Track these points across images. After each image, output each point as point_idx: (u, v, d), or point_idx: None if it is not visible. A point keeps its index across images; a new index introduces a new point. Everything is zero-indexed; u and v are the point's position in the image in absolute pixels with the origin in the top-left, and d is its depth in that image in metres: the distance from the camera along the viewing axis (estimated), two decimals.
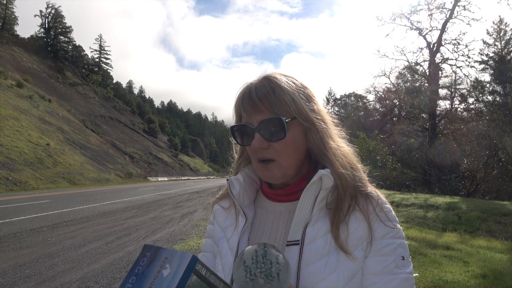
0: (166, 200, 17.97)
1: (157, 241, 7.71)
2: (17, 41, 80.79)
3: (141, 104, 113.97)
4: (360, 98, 48.43)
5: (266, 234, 0.91)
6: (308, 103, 0.88)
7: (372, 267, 0.81)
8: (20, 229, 8.72)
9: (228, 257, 0.90)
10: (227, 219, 0.99)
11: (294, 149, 0.86)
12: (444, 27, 25.92)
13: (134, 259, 4.16)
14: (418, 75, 29.33)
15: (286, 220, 0.90)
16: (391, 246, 0.82)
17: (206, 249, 1.02)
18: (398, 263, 0.80)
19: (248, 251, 0.68)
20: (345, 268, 0.79)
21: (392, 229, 0.83)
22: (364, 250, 0.82)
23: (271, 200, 0.95)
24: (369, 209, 0.84)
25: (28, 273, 5.28)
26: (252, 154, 0.89)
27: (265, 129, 0.84)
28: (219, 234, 0.98)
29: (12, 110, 40.30)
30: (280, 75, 0.89)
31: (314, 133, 0.87)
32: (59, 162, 35.04)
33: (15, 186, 24.40)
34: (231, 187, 0.94)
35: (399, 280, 0.79)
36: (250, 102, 0.86)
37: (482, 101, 27.70)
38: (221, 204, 1.04)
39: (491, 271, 5.61)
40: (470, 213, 11.14)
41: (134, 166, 58.01)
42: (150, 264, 0.65)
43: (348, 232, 0.82)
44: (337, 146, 0.90)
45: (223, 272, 0.89)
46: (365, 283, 0.81)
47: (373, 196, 0.87)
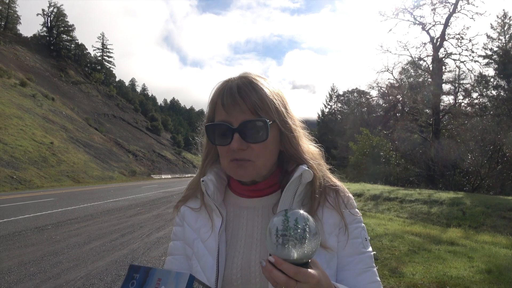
0: (170, 197, 18.02)
1: (161, 238, 7.73)
2: (19, 40, 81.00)
3: (144, 102, 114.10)
4: (363, 94, 48.29)
5: (242, 230, 0.92)
6: (285, 108, 0.90)
7: (346, 250, 0.89)
8: (25, 227, 8.77)
9: (206, 258, 0.89)
10: (198, 220, 0.97)
11: (271, 151, 0.88)
12: (448, 22, 25.74)
13: (120, 283, 3.70)
14: (422, 70, 29.14)
15: (261, 215, 0.93)
16: (358, 229, 0.91)
17: (176, 252, 1.00)
18: (364, 243, 0.91)
19: (278, 219, 0.67)
20: (323, 254, 0.85)
21: (356, 216, 0.93)
22: (337, 236, 0.89)
23: (241, 196, 0.96)
24: (339, 201, 0.91)
25: (33, 270, 5.31)
26: (225, 154, 0.88)
27: (246, 130, 0.83)
28: (192, 235, 0.96)
29: (16, 109, 40.47)
30: (259, 77, 0.90)
31: (291, 137, 0.90)
32: (63, 161, 35.19)
33: (20, 184, 24.53)
34: (206, 188, 0.92)
35: (367, 258, 0.90)
36: (232, 100, 0.84)
37: (486, 96, 27.53)
38: (189, 205, 1.01)
39: (496, 266, 5.59)
40: (474, 209, 11.09)
41: (137, 164, 58.18)
42: (142, 287, 0.62)
43: (322, 222, 0.88)
44: (308, 147, 0.95)
45: (204, 273, 0.88)
46: (340, 265, 0.89)
47: (341, 189, 0.94)
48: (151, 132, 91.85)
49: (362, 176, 27.43)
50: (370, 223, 9.76)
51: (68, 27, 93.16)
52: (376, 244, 7.15)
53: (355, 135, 30.70)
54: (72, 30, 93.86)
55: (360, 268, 0.88)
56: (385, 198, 14.72)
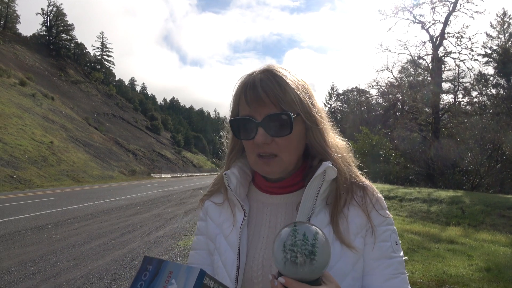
0: (170, 196, 18.03)
1: (161, 237, 7.75)
2: (19, 39, 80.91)
3: (144, 101, 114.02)
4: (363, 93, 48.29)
5: (264, 227, 0.91)
6: (310, 100, 0.88)
7: (373, 253, 0.85)
8: (25, 226, 8.78)
9: (228, 253, 0.89)
10: (221, 215, 0.97)
11: (296, 145, 0.86)
12: (447, 20, 25.69)
13: (135, 273, 4.06)
14: (421, 69, 29.11)
15: (284, 212, 0.91)
16: (387, 232, 0.87)
17: (199, 247, 1.01)
18: (394, 248, 0.86)
19: (286, 231, 0.66)
20: (349, 256, 0.83)
21: (386, 218, 0.88)
22: (364, 238, 0.86)
23: (266, 192, 0.95)
24: (366, 200, 0.88)
25: (33, 270, 5.33)
26: (250, 149, 0.87)
27: (270, 124, 0.82)
28: (215, 230, 0.97)
29: (15, 109, 40.45)
30: (283, 69, 0.88)
31: (316, 130, 0.88)
32: (62, 160, 35.19)
33: (20, 184, 24.54)
34: (229, 182, 0.92)
35: (396, 263, 0.85)
36: (254, 95, 0.83)
37: (486, 94, 27.54)
38: (213, 200, 1.02)
39: (495, 264, 5.60)
40: (473, 207, 11.11)
41: (137, 163, 58.16)
42: (154, 279, 0.64)
43: (348, 222, 0.85)
44: (335, 141, 0.92)
45: (225, 269, 0.88)
46: (366, 268, 0.86)
47: (369, 188, 0.91)
48: (150, 131, 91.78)
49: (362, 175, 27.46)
50: None
51: (68, 27, 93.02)
52: None
53: (354, 134, 30.68)
54: (71, 29, 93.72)
55: (388, 273, 0.84)
56: (385, 197, 14.48)
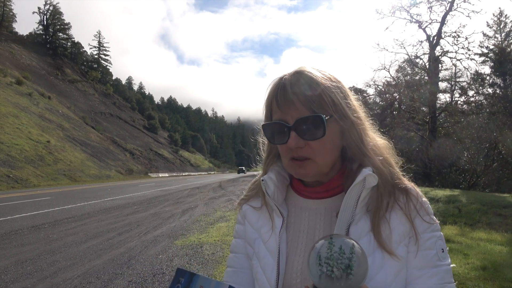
0: (167, 196, 18.01)
1: (158, 237, 7.74)
2: (15, 38, 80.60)
3: (141, 100, 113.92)
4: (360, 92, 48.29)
5: (303, 232, 0.89)
6: (345, 100, 0.85)
7: (416, 262, 0.81)
8: (22, 226, 8.76)
9: (267, 259, 0.88)
10: (260, 219, 0.96)
11: (330, 147, 0.83)
12: (444, 20, 25.79)
13: (169, 284, 4.16)
14: (418, 69, 29.24)
15: (323, 218, 0.88)
16: (432, 239, 0.82)
17: (238, 250, 1.00)
18: (439, 255, 0.82)
19: (321, 244, 0.65)
20: (391, 266, 0.79)
21: (431, 224, 0.84)
22: (407, 246, 0.82)
23: (304, 197, 0.93)
24: (410, 206, 0.84)
25: (30, 269, 5.31)
26: (284, 153, 0.86)
27: (302, 127, 0.80)
28: (253, 235, 0.96)
29: (12, 108, 40.29)
30: (314, 70, 0.86)
31: (352, 131, 0.85)
32: (59, 159, 35.08)
33: (16, 183, 24.46)
34: (266, 187, 0.90)
35: (442, 272, 0.81)
36: (285, 98, 0.82)
37: (482, 93, 27.62)
38: (251, 204, 1.00)
39: (491, 263, 5.63)
40: (470, 206, 11.16)
41: (134, 162, 58.09)
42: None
43: (391, 229, 0.81)
44: (374, 142, 0.89)
45: (264, 274, 0.88)
46: (409, 278, 0.82)
47: (412, 192, 0.86)
48: (148, 131, 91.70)
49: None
50: None
51: (64, 25, 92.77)
52: None
53: None
54: (68, 28, 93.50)
55: (433, 283, 0.79)
56: None
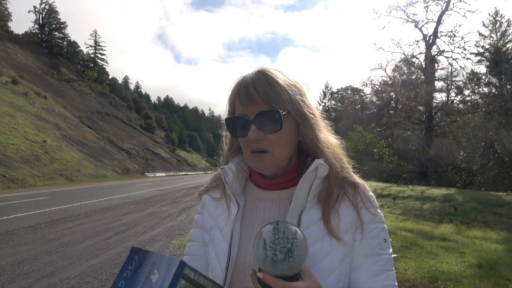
0: (164, 195, 18.00)
1: (155, 236, 7.74)
2: (11, 37, 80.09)
3: (138, 100, 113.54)
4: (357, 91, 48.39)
5: (258, 221, 0.94)
6: (301, 97, 0.92)
7: (360, 250, 0.88)
8: (18, 226, 8.73)
9: (221, 244, 0.93)
10: (218, 208, 1.01)
11: (287, 141, 0.90)
12: (440, 19, 25.89)
13: (123, 261, 4.32)
14: (415, 68, 29.33)
15: (278, 208, 0.93)
16: (376, 230, 0.89)
17: (195, 239, 1.04)
18: (382, 245, 0.89)
19: (267, 229, 0.70)
20: (337, 251, 0.85)
21: (376, 216, 0.91)
22: (353, 234, 0.89)
23: (261, 188, 0.98)
24: (357, 198, 0.90)
25: (27, 269, 5.30)
26: (245, 146, 0.91)
27: (261, 121, 0.86)
28: (210, 223, 1.00)
29: (7, 107, 40.07)
30: (275, 70, 0.92)
31: (307, 126, 0.91)
32: (56, 159, 34.94)
33: (12, 183, 24.34)
34: (225, 176, 0.96)
35: (384, 260, 0.88)
36: (247, 94, 0.88)
37: (478, 93, 27.80)
38: (210, 194, 1.06)
39: (487, 261, 5.68)
40: (466, 205, 11.23)
41: (131, 162, 57.94)
42: (139, 268, 0.67)
43: (339, 218, 0.88)
44: (327, 138, 0.95)
45: (217, 259, 0.92)
46: (354, 264, 0.88)
47: (360, 186, 0.93)
48: (145, 130, 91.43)
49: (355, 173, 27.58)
50: None
51: (60, 24, 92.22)
52: None
53: (348, 132, 30.80)
54: (64, 27, 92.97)
55: (375, 270, 0.86)
56: (378, 195, 14.84)
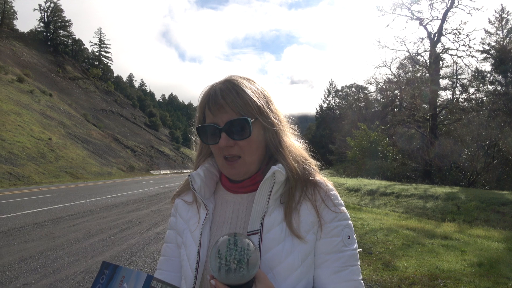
0: (168, 193, 18.10)
1: (159, 234, 7.84)
2: (16, 35, 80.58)
3: (142, 97, 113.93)
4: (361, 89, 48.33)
5: (227, 224, 0.99)
6: (267, 105, 0.97)
7: (323, 248, 0.92)
8: (25, 223, 8.85)
9: (192, 247, 0.97)
10: (189, 211, 1.06)
11: (256, 146, 0.95)
12: (445, 17, 25.79)
13: (94, 276, 4.57)
14: (419, 66, 29.21)
15: (245, 211, 0.98)
16: (339, 228, 0.93)
17: (170, 241, 1.10)
18: (345, 242, 0.92)
19: (222, 241, 0.75)
20: (299, 251, 0.89)
21: (338, 214, 0.94)
22: (315, 234, 0.93)
23: (230, 191, 1.03)
24: (317, 198, 0.94)
25: (34, 265, 5.41)
26: (217, 152, 0.97)
27: (231, 128, 0.91)
28: (182, 226, 1.06)
29: (13, 105, 40.40)
30: (242, 79, 0.97)
31: (272, 132, 0.97)
32: (61, 157, 35.21)
33: (18, 180, 24.58)
34: (193, 182, 1.00)
35: (346, 256, 0.91)
36: (216, 104, 0.93)
37: (483, 91, 27.59)
38: (183, 198, 1.11)
39: (487, 259, 5.70)
40: (469, 203, 11.23)
41: (136, 159, 58.22)
42: (109, 282, 0.74)
43: (300, 219, 0.92)
44: (291, 143, 1.00)
45: (188, 262, 0.96)
46: (317, 262, 0.92)
47: (321, 185, 0.96)
48: (149, 128, 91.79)
49: (359, 171, 27.57)
50: (366, 218, 9.89)
51: (65, 22, 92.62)
52: (371, 238, 7.27)
53: (353, 130, 30.78)
54: (69, 25, 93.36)
55: (336, 266, 0.90)
56: (382, 193, 14.85)
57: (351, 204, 14.12)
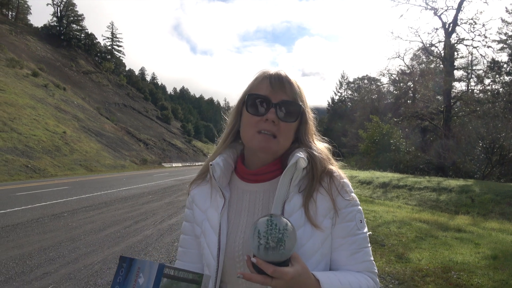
0: (181, 185, 18.30)
1: (173, 225, 7.96)
2: (30, 30, 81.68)
3: (154, 91, 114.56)
4: (374, 81, 47.78)
5: (244, 212, 1.03)
6: (306, 101, 1.06)
7: (339, 232, 0.99)
8: (43, 214, 9.08)
9: (211, 235, 1.01)
10: (206, 201, 1.10)
11: (292, 133, 1.03)
12: (460, 6, 25.20)
13: (111, 265, 5.04)
14: (433, 57, 28.69)
15: (262, 199, 1.03)
16: (352, 213, 1.00)
17: (187, 232, 1.14)
18: (358, 225, 1.00)
19: (261, 221, 0.80)
20: (318, 235, 0.96)
21: (350, 200, 1.00)
22: (332, 219, 0.99)
23: (246, 181, 1.07)
24: (332, 187, 1.00)
25: (53, 255, 5.57)
26: (253, 124, 0.99)
27: (282, 107, 0.98)
28: (201, 216, 1.09)
29: (29, 99, 41.09)
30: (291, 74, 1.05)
31: (306, 126, 1.06)
32: (75, 150, 35.77)
33: (35, 173, 25.09)
34: (213, 172, 1.04)
35: (360, 239, 0.99)
36: (280, 82, 0.99)
37: (499, 82, 27.03)
38: (199, 188, 1.14)
39: (502, 252, 5.66)
40: (483, 196, 11.09)
41: (148, 152, 58.77)
42: (128, 274, 0.82)
43: (316, 206, 0.98)
44: (314, 137, 1.10)
45: (209, 249, 1.01)
46: (334, 245, 0.99)
47: (335, 174, 1.02)
48: (161, 121, 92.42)
49: (371, 164, 27.38)
50: (379, 210, 9.86)
51: (78, 17, 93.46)
52: (383, 231, 7.27)
53: (365, 123, 30.51)
54: (81, 19, 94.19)
55: (353, 249, 0.97)
56: (394, 186, 14.77)
57: (363, 197, 14.07)
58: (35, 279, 4.55)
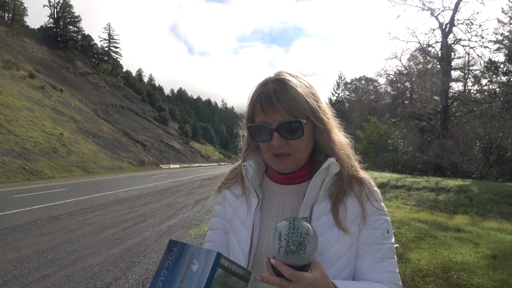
0: (179, 187, 18.26)
1: (172, 227, 7.93)
2: (27, 32, 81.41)
3: (151, 92, 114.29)
4: (371, 82, 47.94)
5: (274, 212, 1.04)
6: (317, 103, 0.99)
7: (365, 238, 0.98)
8: (40, 216, 9.03)
9: (242, 233, 1.03)
10: (237, 200, 1.11)
11: (307, 144, 0.99)
12: (457, 7, 25.30)
13: (162, 253, 4.68)
14: (430, 57, 28.79)
15: (292, 200, 1.03)
16: (379, 221, 0.99)
17: (216, 227, 1.14)
18: (384, 235, 0.98)
19: (283, 224, 0.79)
20: (346, 240, 0.95)
21: (379, 209, 1.00)
22: (359, 225, 0.98)
23: (277, 183, 1.07)
24: (362, 193, 1.00)
25: (51, 258, 5.53)
26: (266, 149, 0.99)
27: (284, 129, 0.94)
28: (231, 213, 1.10)
29: (25, 101, 40.95)
30: (291, 76, 0.99)
31: (322, 130, 0.99)
32: (73, 151, 35.66)
33: (32, 175, 24.99)
34: (246, 172, 1.05)
35: (386, 249, 0.97)
36: (270, 104, 0.94)
37: (496, 82, 27.15)
38: (231, 189, 1.15)
39: (501, 252, 5.66)
40: (482, 196, 11.12)
41: (146, 154, 58.63)
42: (179, 259, 0.76)
43: (346, 210, 0.97)
44: (338, 138, 1.04)
45: (239, 246, 1.02)
46: (359, 251, 0.98)
47: (365, 181, 1.02)
48: (158, 122, 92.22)
49: (369, 164, 27.40)
50: None
51: (75, 18, 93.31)
52: None
53: (362, 123, 30.52)
54: (78, 21, 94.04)
55: (377, 257, 0.96)
56: (393, 186, 14.78)
57: None
58: (34, 282, 4.52)
